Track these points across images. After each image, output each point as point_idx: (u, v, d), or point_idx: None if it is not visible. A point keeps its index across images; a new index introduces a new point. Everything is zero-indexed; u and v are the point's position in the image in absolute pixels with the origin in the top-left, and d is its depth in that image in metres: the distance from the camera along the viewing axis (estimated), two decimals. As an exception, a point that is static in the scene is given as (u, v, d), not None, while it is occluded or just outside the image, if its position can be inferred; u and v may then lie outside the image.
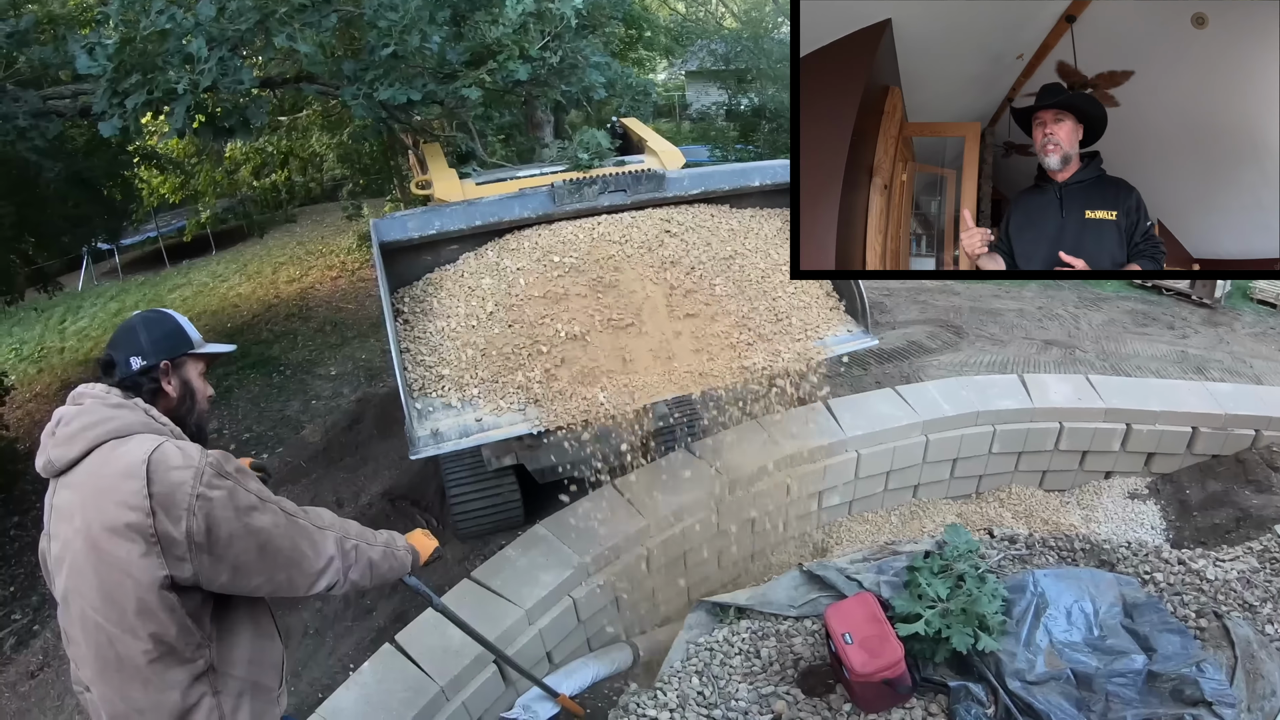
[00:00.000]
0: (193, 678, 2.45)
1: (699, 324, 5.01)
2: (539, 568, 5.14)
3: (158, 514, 2.31)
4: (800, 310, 5.31)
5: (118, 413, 2.51)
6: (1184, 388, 6.88)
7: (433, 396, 4.67)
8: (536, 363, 4.74)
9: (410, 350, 4.83)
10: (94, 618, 2.39)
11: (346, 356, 13.85)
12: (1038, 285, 11.66)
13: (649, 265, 5.12)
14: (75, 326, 19.16)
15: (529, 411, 4.64)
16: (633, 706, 4.49)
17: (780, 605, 5.08)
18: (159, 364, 2.70)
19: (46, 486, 2.57)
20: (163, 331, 2.77)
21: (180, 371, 2.79)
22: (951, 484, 6.78)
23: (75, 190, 11.26)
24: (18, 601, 9.21)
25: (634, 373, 4.78)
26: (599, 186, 5.32)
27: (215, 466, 2.42)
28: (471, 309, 4.90)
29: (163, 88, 5.35)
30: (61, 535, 2.46)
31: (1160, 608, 4.50)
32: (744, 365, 4.92)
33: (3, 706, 6.95)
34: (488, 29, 5.74)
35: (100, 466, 2.41)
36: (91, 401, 2.55)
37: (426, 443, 4.48)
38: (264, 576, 2.53)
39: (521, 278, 4.99)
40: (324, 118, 15.74)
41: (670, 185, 5.50)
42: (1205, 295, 10.92)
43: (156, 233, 24.90)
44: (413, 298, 5.09)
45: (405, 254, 5.15)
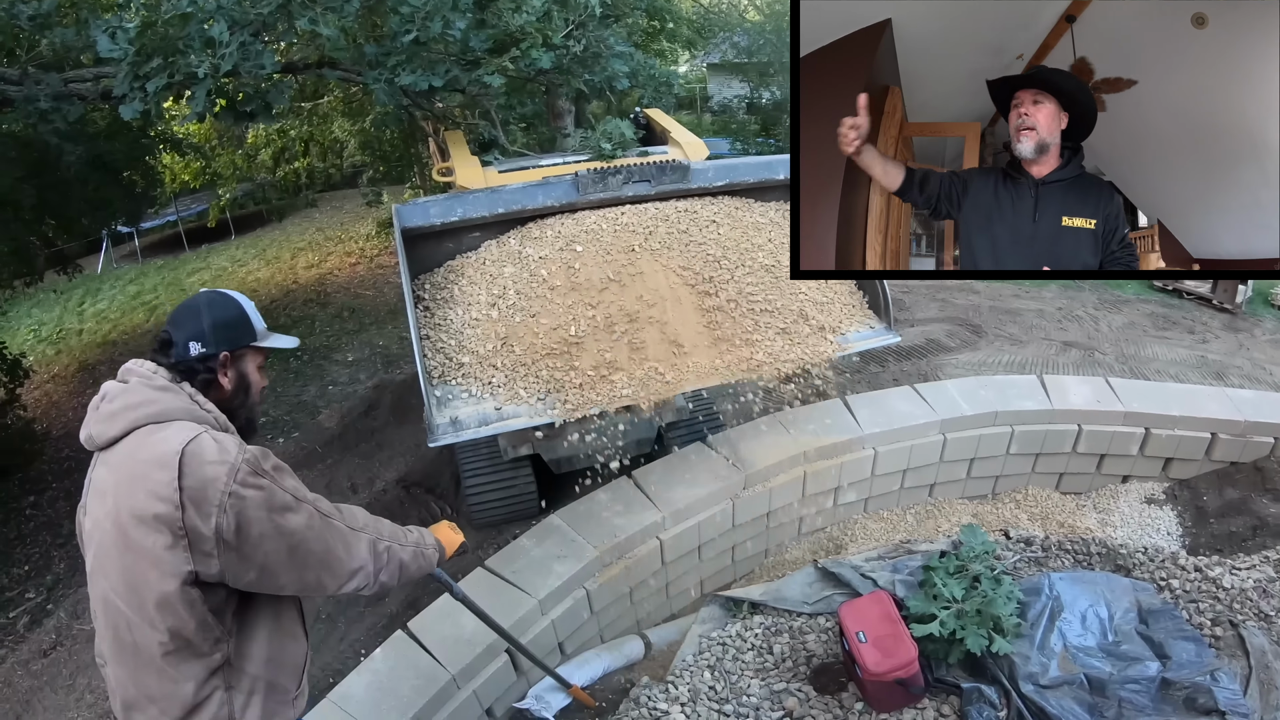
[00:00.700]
0: (209, 672, 2.40)
1: (721, 318, 5.00)
2: (553, 558, 5.14)
3: (187, 508, 2.26)
4: (823, 305, 5.29)
5: (161, 396, 2.46)
6: (1204, 393, 6.83)
7: (452, 384, 4.66)
8: (557, 352, 4.73)
9: (430, 337, 4.82)
10: (115, 601, 2.36)
11: (364, 343, 13.90)
12: (1058, 286, 11.61)
13: (672, 257, 5.10)
14: (94, 309, 19.25)
15: (549, 400, 4.63)
16: (644, 699, 4.49)
17: (794, 601, 5.07)
18: (219, 354, 2.63)
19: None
20: (227, 318, 2.68)
21: (239, 364, 2.72)
22: (968, 484, 6.75)
23: (96, 173, 11.29)
24: (32, 580, 9.27)
25: (654, 365, 4.77)
26: (623, 176, 5.28)
27: (252, 464, 2.37)
28: (493, 297, 4.88)
29: (184, 71, 5.34)
30: (95, 513, 2.42)
31: (1176, 615, 4.47)
32: (765, 359, 4.91)
33: (15, 684, 6.99)
34: (511, 16, 5.71)
35: (136, 451, 2.36)
36: (136, 381, 2.49)
37: (445, 430, 4.47)
38: (292, 577, 2.49)
39: (544, 267, 4.97)
40: (345, 104, 15.75)
41: (695, 177, 5.45)
42: (1226, 300, 10.83)
43: (176, 216, 24.98)
44: (433, 284, 5.08)
45: (427, 240, 5.14)
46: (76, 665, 6.82)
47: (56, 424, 13.13)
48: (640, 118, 6.97)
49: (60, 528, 10.21)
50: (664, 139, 6.49)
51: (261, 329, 2.79)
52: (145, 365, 2.55)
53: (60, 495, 10.94)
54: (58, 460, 11.83)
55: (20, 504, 10.93)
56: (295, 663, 2.68)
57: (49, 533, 10.20)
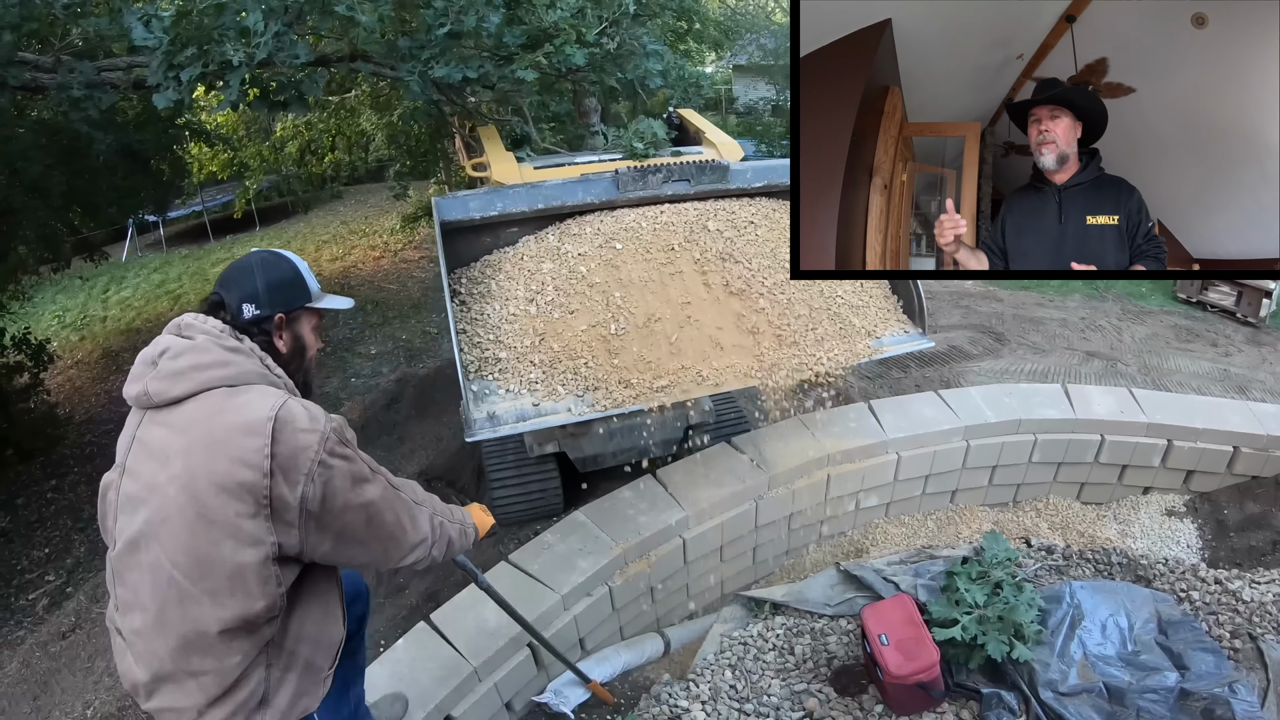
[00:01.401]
0: (258, 649, 2.35)
1: (759, 319, 5.00)
2: (576, 554, 5.14)
3: (276, 476, 2.21)
4: (859, 309, 5.29)
5: (234, 358, 2.38)
6: (1227, 406, 6.81)
7: (489, 379, 4.66)
8: (595, 350, 4.74)
9: (467, 331, 4.82)
10: (170, 572, 2.25)
11: (387, 336, 13.94)
12: (1081, 295, 11.60)
13: (711, 257, 5.10)
14: (118, 296, 19.37)
15: (586, 398, 4.63)
16: (665, 696, 4.51)
17: (816, 603, 5.09)
18: (274, 316, 2.57)
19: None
20: (281, 279, 2.61)
21: (294, 325, 2.66)
22: (989, 491, 6.73)
23: (125, 162, 11.35)
24: (52, 564, 9.35)
25: (692, 364, 4.77)
26: (664, 175, 5.29)
27: (339, 433, 2.37)
28: (531, 293, 4.89)
29: (218, 61, 5.37)
30: (146, 476, 2.31)
31: (1195, 626, 4.47)
32: (802, 361, 4.91)
33: (34, 665, 7.05)
34: (545, 12, 5.73)
35: (214, 415, 2.28)
36: (205, 339, 2.39)
37: (483, 425, 4.46)
38: (363, 547, 2.49)
39: (583, 264, 4.98)
40: (372, 98, 15.80)
41: (734, 177, 5.46)
42: (1250, 314, 10.80)
43: (202, 207, 25.14)
44: (470, 279, 5.08)
45: (464, 234, 5.13)
46: (95, 648, 6.86)
47: (79, 409, 13.22)
48: (674, 117, 6.99)
49: (81, 512, 10.28)
50: (697, 139, 6.50)
51: (316, 289, 2.73)
52: (210, 322, 2.46)
53: (81, 480, 11.02)
54: (80, 445, 11.92)
55: (42, 487, 11.01)
56: (333, 643, 2.62)
57: (69, 516, 10.27)
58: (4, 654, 7.42)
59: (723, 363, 4.82)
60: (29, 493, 10.92)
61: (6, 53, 5.69)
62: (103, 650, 6.75)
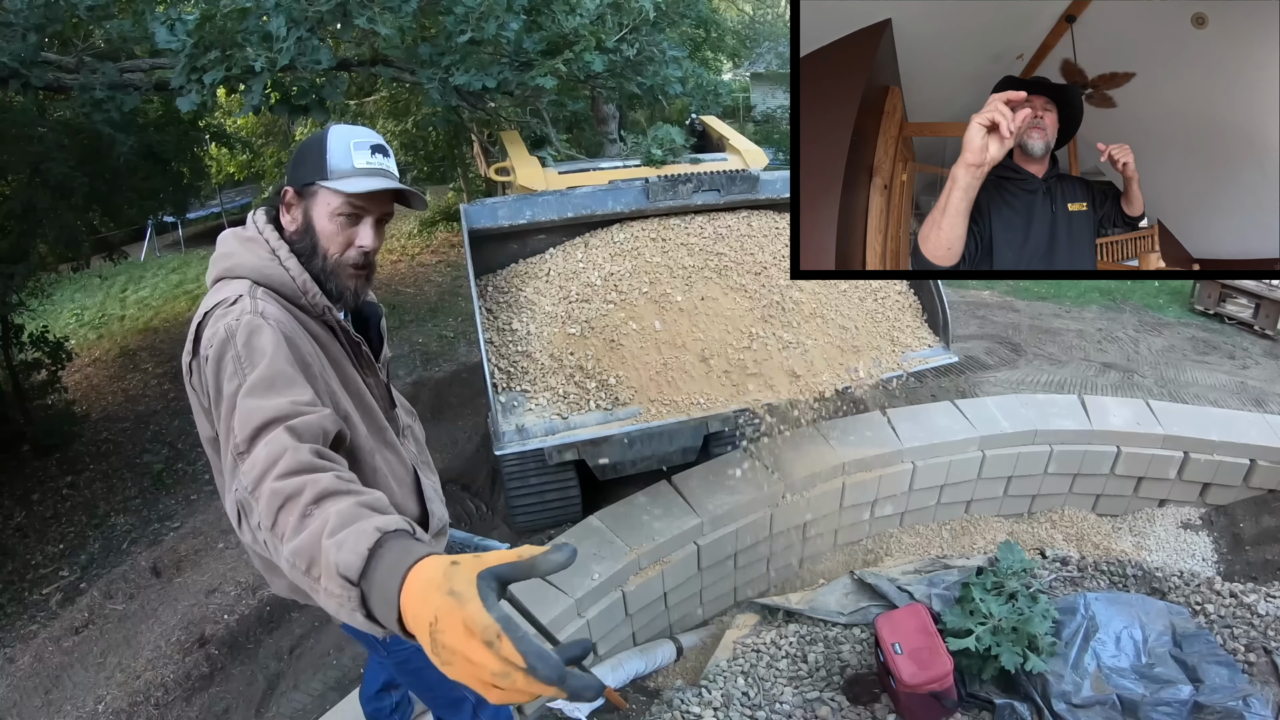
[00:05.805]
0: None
1: (788, 332, 5.01)
2: (591, 559, 5.15)
3: (194, 370, 2.17)
4: (886, 322, 5.31)
5: (238, 250, 2.32)
6: (1244, 419, 6.79)
7: (516, 390, 4.66)
8: (623, 361, 4.74)
9: (494, 342, 4.83)
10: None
11: (403, 339, 13.92)
12: (1099, 306, 11.56)
13: (744, 271, 5.11)
14: (136, 296, 19.40)
15: (615, 411, 4.63)
16: (677, 702, 4.51)
17: (830, 611, 5.08)
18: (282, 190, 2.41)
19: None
20: (303, 150, 2.39)
21: (306, 203, 2.36)
22: (1004, 502, 6.71)
23: (146, 163, 11.41)
24: (66, 559, 9.36)
25: (722, 376, 4.77)
26: (693, 185, 5.28)
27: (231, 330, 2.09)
28: (558, 303, 4.90)
29: (240, 65, 5.40)
30: None
31: (1210, 639, 4.46)
32: (832, 374, 4.90)
33: (46, 659, 7.06)
34: (565, 18, 5.75)
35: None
36: (229, 234, 2.40)
37: (511, 438, 4.46)
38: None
39: (612, 275, 4.99)
40: (390, 103, 15.83)
41: (763, 187, 5.46)
42: (1268, 326, 10.76)
43: (220, 208, 25.22)
44: (496, 288, 5.09)
45: (491, 242, 5.15)
46: (108, 644, 6.87)
47: (96, 406, 13.24)
48: (696, 124, 6.98)
49: (96, 508, 10.31)
50: (720, 146, 6.49)
51: (337, 167, 2.30)
52: (259, 213, 2.45)
53: (97, 477, 11.05)
54: (96, 442, 11.95)
55: (57, 483, 11.04)
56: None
57: (84, 513, 10.29)
58: (17, 648, 7.43)
59: (748, 376, 4.82)
60: (44, 488, 10.95)
61: (30, 53, 5.73)
62: (115, 646, 6.77)
